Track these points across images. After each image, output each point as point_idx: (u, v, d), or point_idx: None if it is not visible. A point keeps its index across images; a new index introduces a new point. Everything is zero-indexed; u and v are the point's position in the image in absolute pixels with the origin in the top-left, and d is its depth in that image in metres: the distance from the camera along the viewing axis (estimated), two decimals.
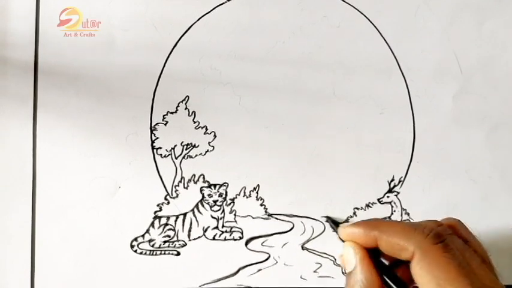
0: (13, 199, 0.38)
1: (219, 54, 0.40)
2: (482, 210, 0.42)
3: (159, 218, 0.39)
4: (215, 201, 0.40)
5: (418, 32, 0.41)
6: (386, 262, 0.30)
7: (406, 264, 0.28)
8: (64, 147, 0.38)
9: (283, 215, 0.40)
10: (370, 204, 0.41)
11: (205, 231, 0.40)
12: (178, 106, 0.39)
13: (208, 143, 0.40)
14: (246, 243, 0.40)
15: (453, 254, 0.26)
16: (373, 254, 0.30)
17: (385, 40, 0.41)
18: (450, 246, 0.26)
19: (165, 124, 0.39)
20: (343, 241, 0.31)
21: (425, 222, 0.29)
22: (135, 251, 0.39)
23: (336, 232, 0.34)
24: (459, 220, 0.30)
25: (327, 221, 0.40)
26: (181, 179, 0.39)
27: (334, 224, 0.38)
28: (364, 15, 0.41)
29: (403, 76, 0.41)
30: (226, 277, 0.39)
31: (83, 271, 0.38)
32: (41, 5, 0.39)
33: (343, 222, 0.40)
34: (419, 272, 0.26)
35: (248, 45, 0.40)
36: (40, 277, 0.38)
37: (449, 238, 0.27)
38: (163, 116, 0.39)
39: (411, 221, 0.41)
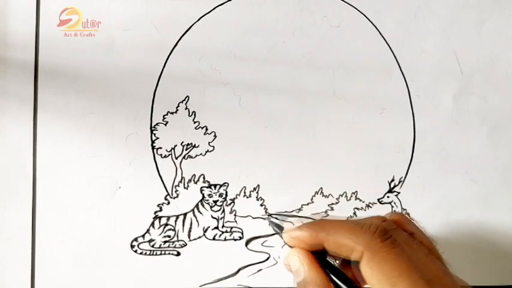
0: (13, 199, 0.38)
1: (219, 54, 0.40)
2: (482, 210, 0.42)
3: (159, 218, 0.39)
4: (215, 201, 0.40)
5: (418, 32, 0.41)
6: (335, 262, 0.29)
7: (353, 262, 0.27)
8: (64, 147, 0.38)
9: (283, 215, 0.40)
10: (370, 204, 0.41)
11: (205, 231, 0.40)
12: (178, 106, 0.39)
13: (209, 143, 0.40)
14: (246, 244, 0.40)
15: (401, 249, 0.25)
16: (320, 255, 0.28)
17: (385, 40, 0.41)
18: (397, 241, 0.26)
19: (165, 124, 0.39)
20: (290, 247, 0.29)
21: (370, 219, 0.28)
22: (135, 251, 0.39)
23: (281, 237, 0.31)
24: (402, 214, 0.30)
25: (269, 225, 0.38)
26: (181, 179, 0.39)
27: (278, 228, 0.32)
28: (364, 15, 0.41)
29: (403, 76, 0.41)
30: (227, 277, 0.39)
31: (83, 271, 0.38)
32: (41, 5, 0.39)
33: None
34: (370, 271, 0.25)
35: (248, 45, 0.40)
36: (40, 277, 0.38)
37: (395, 233, 0.26)
38: (164, 116, 0.39)
39: None
